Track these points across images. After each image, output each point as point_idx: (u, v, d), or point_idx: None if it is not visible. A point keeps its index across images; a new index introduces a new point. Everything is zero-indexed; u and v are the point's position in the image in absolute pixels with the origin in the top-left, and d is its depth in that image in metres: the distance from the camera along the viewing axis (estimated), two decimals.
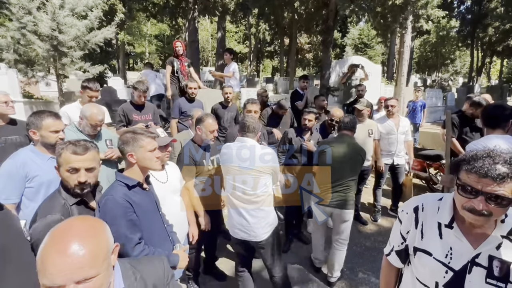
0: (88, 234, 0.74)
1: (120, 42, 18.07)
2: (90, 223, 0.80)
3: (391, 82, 14.73)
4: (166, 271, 1.06)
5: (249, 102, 2.78)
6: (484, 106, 2.53)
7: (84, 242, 0.71)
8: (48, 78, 5.99)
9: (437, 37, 28.66)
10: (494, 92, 15.82)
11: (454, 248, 1.00)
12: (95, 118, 2.28)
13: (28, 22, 4.96)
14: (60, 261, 0.67)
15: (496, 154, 0.89)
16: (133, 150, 1.41)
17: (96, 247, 0.73)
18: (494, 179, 0.84)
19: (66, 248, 0.69)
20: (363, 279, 2.71)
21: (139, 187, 1.43)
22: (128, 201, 1.32)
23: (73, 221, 0.80)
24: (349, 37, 28.25)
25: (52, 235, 0.72)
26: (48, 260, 0.67)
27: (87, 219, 0.82)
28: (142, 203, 1.40)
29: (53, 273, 0.66)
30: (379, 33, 10.15)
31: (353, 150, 2.55)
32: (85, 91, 2.96)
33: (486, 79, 31.59)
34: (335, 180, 2.50)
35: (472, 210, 0.89)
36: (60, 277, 0.67)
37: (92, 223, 0.80)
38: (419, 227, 1.09)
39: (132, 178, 1.42)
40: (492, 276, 0.94)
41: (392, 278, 1.28)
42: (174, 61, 4.90)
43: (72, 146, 1.31)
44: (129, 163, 1.43)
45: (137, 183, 1.42)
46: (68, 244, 0.69)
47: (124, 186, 1.38)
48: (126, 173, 1.44)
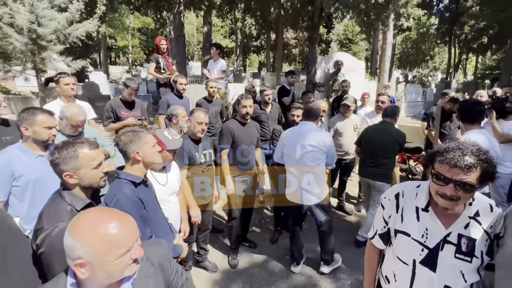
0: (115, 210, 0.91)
1: (102, 35, 17.37)
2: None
3: (375, 77, 15.16)
4: (167, 252, 1.13)
5: (243, 97, 2.76)
6: (460, 102, 2.72)
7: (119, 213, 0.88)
8: (27, 73, 5.72)
9: (418, 34, 29.64)
10: (469, 87, 16.68)
11: (429, 229, 1.13)
12: (76, 119, 2.20)
13: (4, 14, 4.70)
14: (124, 230, 0.82)
15: (465, 146, 1.02)
16: (139, 148, 1.45)
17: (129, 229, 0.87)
18: (462, 169, 0.97)
19: (119, 220, 0.83)
20: (348, 266, 2.87)
21: (143, 184, 1.49)
22: (138, 197, 1.38)
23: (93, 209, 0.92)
24: (334, 32, 28.63)
25: (96, 220, 0.81)
26: (113, 236, 0.79)
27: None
28: (147, 199, 1.46)
29: (124, 240, 0.81)
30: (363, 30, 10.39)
31: (390, 134, 3.01)
32: (59, 81, 2.87)
33: (462, 75, 33.09)
34: (373, 158, 3.04)
35: (443, 195, 1.02)
36: (129, 240, 0.82)
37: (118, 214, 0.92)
38: (400, 211, 1.22)
39: (137, 176, 1.47)
40: (460, 252, 1.07)
41: (375, 259, 1.41)
42: (159, 57, 4.82)
43: (82, 143, 1.26)
44: (134, 160, 1.47)
45: (141, 180, 1.48)
46: (116, 217, 0.84)
47: (131, 183, 1.42)
48: (129, 171, 1.47)
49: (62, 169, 1.20)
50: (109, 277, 0.82)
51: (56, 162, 1.20)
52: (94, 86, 10.17)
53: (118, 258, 0.80)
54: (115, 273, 0.82)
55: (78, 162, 1.21)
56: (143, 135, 1.47)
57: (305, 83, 7.58)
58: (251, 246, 3.15)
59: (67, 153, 1.20)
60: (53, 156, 1.21)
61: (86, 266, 0.78)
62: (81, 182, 1.24)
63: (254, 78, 18.93)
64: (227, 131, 2.75)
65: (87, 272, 0.78)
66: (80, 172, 1.22)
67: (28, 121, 1.76)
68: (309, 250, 3.10)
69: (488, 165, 0.99)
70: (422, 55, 31.20)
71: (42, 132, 1.80)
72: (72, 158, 1.21)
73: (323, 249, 2.75)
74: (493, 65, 29.02)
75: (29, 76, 5.75)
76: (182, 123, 2.70)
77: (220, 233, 3.41)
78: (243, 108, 2.75)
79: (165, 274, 1.07)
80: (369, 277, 1.42)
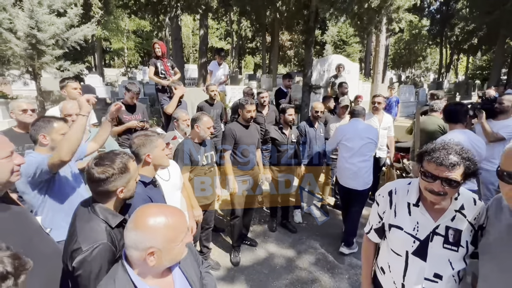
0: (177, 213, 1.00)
1: (97, 38, 17.30)
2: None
3: (369, 79, 15.40)
4: None
5: (248, 102, 2.85)
6: (446, 104, 2.87)
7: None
8: (25, 77, 5.74)
9: (410, 35, 30.14)
10: (461, 87, 17.06)
11: (420, 222, 1.23)
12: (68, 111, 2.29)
13: (4, 19, 4.73)
14: (180, 217, 0.96)
15: (449, 146, 1.13)
16: (150, 151, 1.55)
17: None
18: (447, 167, 1.07)
19: (173, 210, 0.96)
20: (346, 261, 3.00)
21: (152, 184, 1.59)
22: (148, 196, 1.48)
23: (148, 205, 1.00)
24: (328, 34, 28.92)
25: (158, 213, 0.92)
26: (176, 223, 0.93)
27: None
28: (156, 198, 1.57)
29: (183, 225, 0.95)
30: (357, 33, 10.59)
31: (435, 125, 3.26)
32: (67, 86, 2.95)
33: (454, 75, 33.74)
34: (421, 146, 3.23)
35: (432, 191, 1.13)
36: (184, 225, 0.96)
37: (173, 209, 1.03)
38: (393, 207, 1.32)
39: (147, 176, 1.57)
40: (448, 242, 1.18)
41: (372, 252, 1.52)
42: (157, 62, 4.88)
43: (125, 155, 1.23)
44: (145, 162, 1.57)
45: (151, 180, 1.58)
46: (171, 209, 0.97)
47: (141, 183, 1.52)
48: (140, 172, 1.55)
49: (117, 185, 1.15)
50: (173, 260, 0.95)
51: (113, 179, 1.13)
52: (90, 89, 10.15)
53: (181, 242, 0.92)
54: (178, 255, 0.95)
55: (129, 175, 1.19)
56: (154, 139, 1.58)
57: (302, 85, 7.72)
58: (252, 244, 3.25)
59: (120, 167, 1.16)
60: (108, 173, 1.13)
61: (155, 254, 0.88)
62: (126, 194, 1.20)
63: (250, 80, 19.03)
64: (229, 133, 2.86)
65: (154, 260, 0.89)
66: (129, 185, 1.19)
67: (46, 129, 1.75)
68: (309, 247, 3.22)
69: (471, 162, 1.09)
70: (415, 55, 31.74)
71: (59, 139, 1.78)
72: (126, 172, 1.17)
73: (348, 231, 3.09)
74: (483, 65, 29.65)
75: (28, 80, 5.77)
76: (182, 126, 2.80)
77: (221, 232, 3.50)
78: (248, 113, 2.87)
79: (193, 253, 1.18)
80: (366, 269, 1.52)
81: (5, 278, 0.62)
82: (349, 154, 2.97)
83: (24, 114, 2.33)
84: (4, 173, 1.07)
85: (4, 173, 1.07)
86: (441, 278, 1.19)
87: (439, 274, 1.19)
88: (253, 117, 2.92)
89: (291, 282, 2.69)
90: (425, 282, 1.21)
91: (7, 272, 0.63)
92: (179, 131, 2.80)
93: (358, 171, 2.90)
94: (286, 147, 3.30)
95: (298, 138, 3.47)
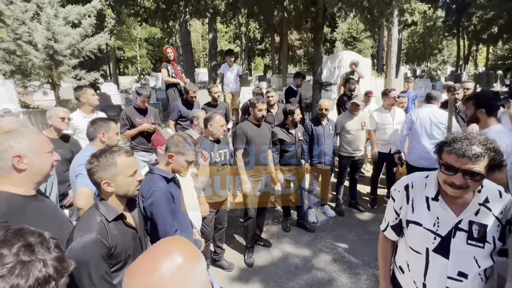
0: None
1: (111, 47, 17.94)
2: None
3: (381, 74, 15.01)
4: None
5: (259, 101, 2.86)
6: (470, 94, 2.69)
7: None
8: (44, 87, 6.02)
9: (424, 28, 29.16)
10: (482, 79, 16.28)
11: (440, 217, 1.16)
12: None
13: (23, 33, 4.99)
14: None
15: (472, 136, 1.05)
16: (173, 152, 1.63)
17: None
18: (470, 158, 1.00)
19: None
20: (363, 261, 2.90)
21: (172, 181, 1.64)
22: (170, 192, 1.54)
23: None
24: (338, 31, 28.51)
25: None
26: None
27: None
28: (177, 194, 1.62)
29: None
30: (367, 27, 10.37)
31: None
32: (86, 93, 3.09)
33: (473, 67, 32.26)
34: None
35: (452, 184, 1.05)
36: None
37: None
38: (410, 202, 1.25)
39: (169, 172, 1.63)
40: (472, 238, 1.10)
41: (389, 251, 1.44)
42: (168, 66, 5.04)
43: (119, 151, 1.26)
44: (168, 162, 1.63)
45: (172, 177, 1.64)
46: None
47: (163, 179, 1.58)
48: (162, 168, 1.63)
49: (101, 176, 1.19)
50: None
51: (95, 170, 1.19)
52: (106, 97, 10.54)
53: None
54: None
55: (116, 169, 1.21)
56: (186, 147, 1.63)
57: (312, 83, 7.62)
58: (266, 245, 3.21)
59: (105, 160, 1.20)
60: (92, 164, 1.20)
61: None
62: (118, 190, 1.23)
63: (260, 81, 19.05)
64: (241, 132, 2.85)
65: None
66: (118, 180, 1.22)
67: (105, 128, 2.03)
68: (325, 247, 3.14)
69: (496, 154, 1.01)
70: (430, 49, 30.66)
71: (114, 137, 2.10)
72: (110, 165, 1.20)
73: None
74: (505, 55, 28.16)
75: (47, 90, 6.06)
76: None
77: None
78: (259, 111, 2.87)
79: None
80: (384, 268, 1.45)
81: (47, 282, 0.63)
82: (420, 136, 3.23)
83: (62, 121, 2.49)
84: (47, 164, 1.22)
85: (47, 164, 1.22)
86: (466, 277, 1.11)
87: (463, 273, 1.11)
88: (264, 116, 2.91)
89: (307, 283, 2.63)
90: (449, 281, 1.13)
91: (49, 275, 0.64)
92: (196, 130, 2.82)
93: (430, 152, 3.11)
94: (295, 146, 3.26)
95: (304, 135, 3.44)
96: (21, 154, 1.12)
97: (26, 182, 1.15)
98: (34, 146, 1.16)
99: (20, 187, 1.13)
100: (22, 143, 1.12)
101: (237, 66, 6.03)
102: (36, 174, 1.17)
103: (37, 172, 1.17)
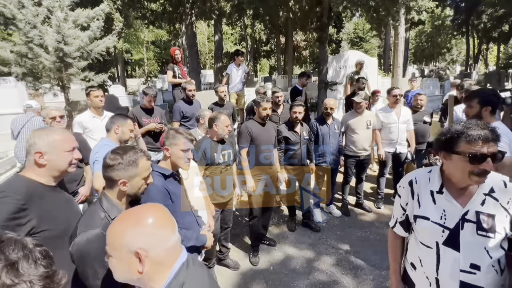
0: (125, 219, 0.82)
1: (119, 50, 18.27)
2: (138, 215, 0.82)
3: (388, 74, 14.83)
4: None
5: (264, 100, 2.85)
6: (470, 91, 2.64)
7: (116, 224, 0.82)
8: (55, 89, 6.17)
9: (432, 27, 28.70)
10: (492, 78, 15.91)
11: (446, 210, 1.15)
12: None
13: (35, 36, 5.13)
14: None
15: (474, 123, 1.07)
16: (169, 145, 1.64)
17: (116, 233, 0.80)
18: (494, 140, 1.01)
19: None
20: (369, 261, 2.86)
21: (172, 177, 1.64)
22: (166, 189, 1.53)
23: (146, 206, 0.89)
24: (344, 32, 28.30)
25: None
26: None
27: (150, 212, 0.83)
28: (175, 190, 1.62)
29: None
30: (374, 27, 10.28)
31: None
32: (90, 94, 3.14)
33: (484, 66, 31.57)
34: None
35: (482, 173, 1.03)
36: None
37: (138, 216, 0.81)
38: (415, 197, 1.25)
39: (167, 169, 1.64)
40: (482, 229, 1.08)
41: (399, 246, 1.42)
42: (174, 67, 5.08)
43: (141, 152, 1.26)
44: (165, 156, 1.66)
45: (171, 173, 1.64)
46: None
47: (161, 175, 1.58)
48: (161, 165, 1.65)
49: (120, 175, 1.17)
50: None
51: (118, 168, 1.17)
52: (114, 99, 10.70)
53: None
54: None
55: (136, 171, 1.20)
56: (177, 137, 1.64)
57: (317, 83, 7.60)
58: (272, 244, 3.20)
59: (129, 160, 1.19)
60: (115, 161, 1.17)
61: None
62: (130, 191, 1.22)
63: (266, 82, 19.06)
64: (245, 131, 2.84)
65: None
66: (134, 181, 1.21)
67: (121, 122, 2.22)
68: (330, 247, 3.12)
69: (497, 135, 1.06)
70: (438, 48, 30.16)
71: (127, 133, 2.26)
72: (133, 166, 1.19)
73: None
74: None
75: (57, 92, 6.20)
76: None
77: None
78: (264, 110, 2.85)
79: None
80: (394, 265, 1.43)
81: None
82: None
83: (53, 121, 2.55)
84: (64, 162, 1.32)
85: (64, 162, 1.32)
86: (479, 269, 1.09)
87: (476, 265, 1.09)
88: (268, 114, 2.89)
89: (311, 283, 2.61)
90: (462, 274, 1.11)
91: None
92: (202, 129, 2.84)
93: None
94: (299, 145, 3.24)
95: (309, 134, 3.41)
96: (42, 151, 1.24)
97: (46, 175, 1.29)
98: (55, 144, 1.28)
99: (42, 178, 1.28)
100: (44, 141, 1.25)
101: (243, 66, 6.08)
102: (54, 170, 1.30)
103: (55, 168, 1.29)
